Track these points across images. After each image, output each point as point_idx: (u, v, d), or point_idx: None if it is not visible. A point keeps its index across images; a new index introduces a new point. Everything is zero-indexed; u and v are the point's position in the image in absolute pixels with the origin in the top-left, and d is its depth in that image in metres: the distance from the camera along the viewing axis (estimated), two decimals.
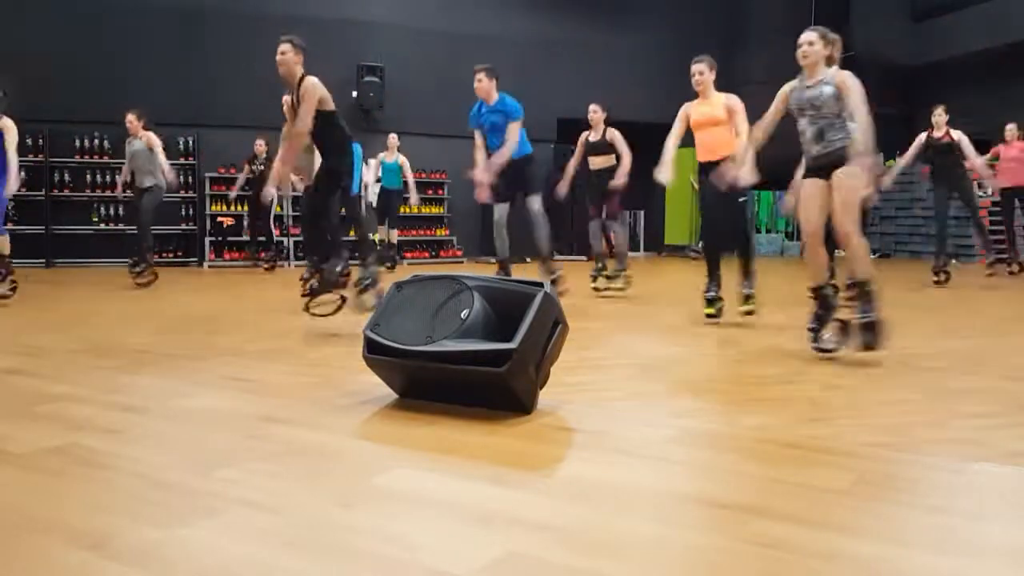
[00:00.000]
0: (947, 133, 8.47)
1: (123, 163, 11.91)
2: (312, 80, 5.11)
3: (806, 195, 4.29)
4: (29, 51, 11.18)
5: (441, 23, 13.71)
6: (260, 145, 11.21)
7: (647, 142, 8.17)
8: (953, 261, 10.13)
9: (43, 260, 11.54)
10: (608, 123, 7.73)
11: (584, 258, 9.06)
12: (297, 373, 3.87)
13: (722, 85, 5.92)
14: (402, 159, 11.23)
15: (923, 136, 8.67)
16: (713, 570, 1.73)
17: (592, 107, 7.76)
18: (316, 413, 3.06)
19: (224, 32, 12.28)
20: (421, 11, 13.75)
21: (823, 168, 4.24)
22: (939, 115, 8.53)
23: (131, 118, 8.48)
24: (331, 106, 5.25)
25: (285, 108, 6.00)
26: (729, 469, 2.47)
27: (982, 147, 13.14)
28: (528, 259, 14.05)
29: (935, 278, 8.80)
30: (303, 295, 5.65)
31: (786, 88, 4.39)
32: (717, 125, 5.72)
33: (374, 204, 11.59)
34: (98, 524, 1.91)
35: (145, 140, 8.42)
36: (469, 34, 13.77)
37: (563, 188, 7.96)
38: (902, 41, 15.54)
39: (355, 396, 3.30)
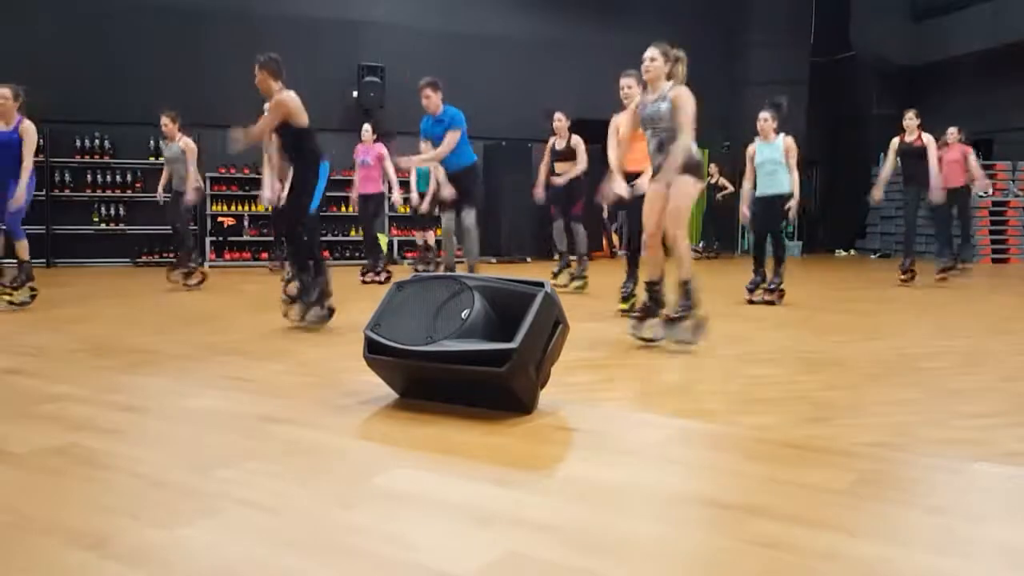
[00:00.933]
0: (919, 137, 8.52)
1: (125, 163, 12.07)
2: (282, 96, 5.10)
3: (648, 199, 4.66)
4: (29, 51, 11.18)
5: (441, 23, 13.70)
6: None
7: None
8: (959, 265, 10.14)
9: (43, 260, 11.53)
10: (572, 130, 7.99)
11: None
12: (297, 373, 3.87)
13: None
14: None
15: (895, 141, 8.73)
16: (713, 570, 1.73)
17: (557, 115, 7.99)
18: (316, 413, 3.06)
19: (224, 32, 12.28)
20: (421, 11, 13.74)
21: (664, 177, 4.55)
22: (910, 119, 8.61)
23: (166, 121, 8.21)
24: (304, 122, 5.20)
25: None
26: (729, 469, 2.47)
27: (982, 147, 13.13)
28: (528, 259, 14.08)
29: (902, 276, 8.87)
30: (284, 299, 5.49)
31: (634, 104, 4.71)
32: (641, 140, 5.73)
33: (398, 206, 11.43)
34: (98, 524, 1.92)
35: (183, 145, 8.18)
36: (469, 34, 13.76)
37: (539, 192, 8.21)
38: (902, 41, 15.52)
39: (355, 396, 3.30)
